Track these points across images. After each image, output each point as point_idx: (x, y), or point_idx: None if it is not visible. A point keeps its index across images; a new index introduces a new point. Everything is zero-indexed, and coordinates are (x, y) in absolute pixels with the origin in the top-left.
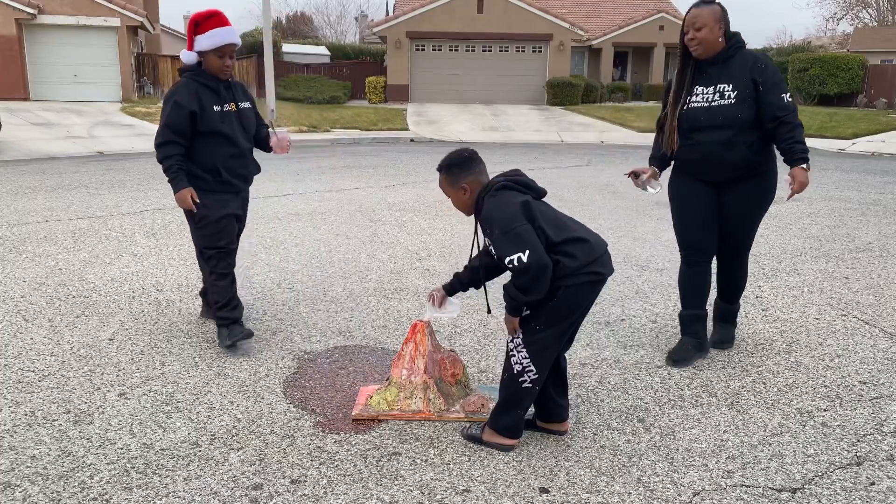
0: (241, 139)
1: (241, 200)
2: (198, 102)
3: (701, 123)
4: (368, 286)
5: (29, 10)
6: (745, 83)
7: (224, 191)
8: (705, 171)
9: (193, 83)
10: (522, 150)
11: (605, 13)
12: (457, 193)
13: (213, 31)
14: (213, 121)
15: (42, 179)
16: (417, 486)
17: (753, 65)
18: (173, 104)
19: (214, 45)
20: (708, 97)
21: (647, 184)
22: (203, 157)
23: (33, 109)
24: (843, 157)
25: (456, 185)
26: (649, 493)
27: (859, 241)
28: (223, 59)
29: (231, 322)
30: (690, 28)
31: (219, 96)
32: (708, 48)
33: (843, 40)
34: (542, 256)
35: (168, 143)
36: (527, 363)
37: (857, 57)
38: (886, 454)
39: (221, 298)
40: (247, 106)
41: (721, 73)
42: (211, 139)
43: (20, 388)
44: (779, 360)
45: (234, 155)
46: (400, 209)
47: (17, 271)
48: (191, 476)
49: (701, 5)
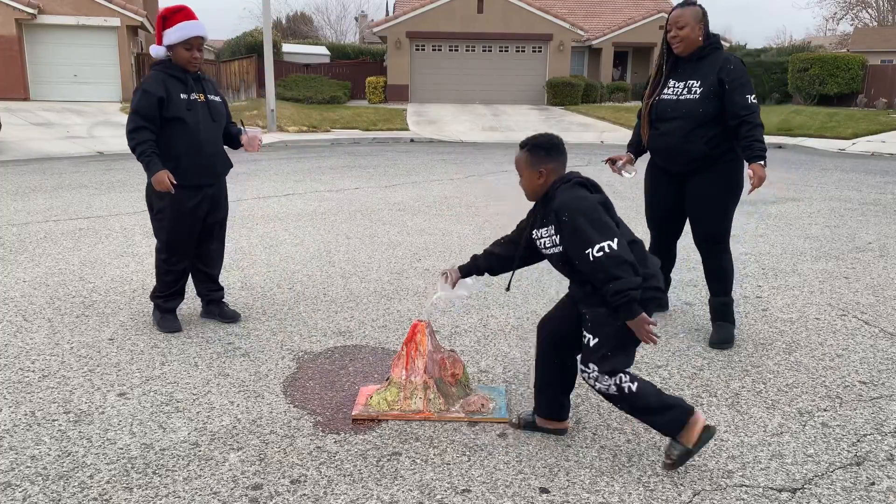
0: (207, 130)
1: (207, 196)
2: (165, 90)
3: (668, 115)
4: (368, 286)
5: (29, 10)
6: (712, 81)
7: (186, 184)
8: (667, 159)
9: (162, 73)
10: None
11: (605, 13)
12: (532, 175)
13: (180, 24)
14: (179, 107)
15: (42, 179)
16: (417, 486)
17: (723, 65)
18: (142, 92)
19: (182, 38)
20: (677, 91)
21: (622, 169)
22: (166, 146)
23: (33, 109)
24: (843, 157)
25: (535, 166)
26: (649, 493)
27: (859, 241)
28: (191, 51)
29: (165, 310)
30: (674, 27)
31: (186, 85)
32: (689, 46)
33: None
34: (627, 249)
35: (139, 129)
36: (618, 381)
37: (857, 57)
38: (886, 454)
39: (162, 289)
40: (217, 99)
41: (694, 70)
42: (177, 126)
43: (20, 388)
44: (779, 360)
45: (196, 144)
46: (400, 209)
47: (17, 271)
48: (191, 476)
49: (684, 6)
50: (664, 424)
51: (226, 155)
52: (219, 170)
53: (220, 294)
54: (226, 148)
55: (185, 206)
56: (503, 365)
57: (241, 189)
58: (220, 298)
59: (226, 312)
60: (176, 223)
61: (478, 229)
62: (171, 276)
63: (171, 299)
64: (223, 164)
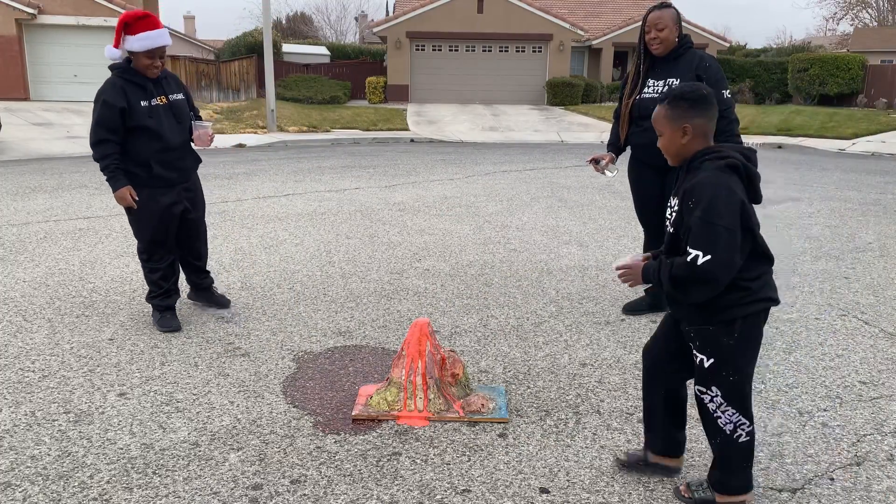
0: (172, 132)
1: (182, 192)
2: (125, 99)
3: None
4: (368, 286)
5: (29, 10)
6: (691, 78)
7: (157, 185)
8: (651, 154)
9: (120, 80)
10: (522, 150)
11: (605, 13)
12: (675, 132)
13: (144, 33)
14: (141, 116)
15: (42, 179)
16: (417, 486)
17: (699, 63)
18: (102, 103)
19: (145, 48)
20: (658, 89)
21: (605, 168)
22: (134, 153)
23: (33, 109)
24: (843, 157)
25: (678, 121)
26: (649, 493)
27: (859, 241)
28: (153, 59)
29: (163, 308)
30: (653, 28)
31: (146, 91)
32: (668, 47)
33: (843, 40)
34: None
35: (102, 142)
36: (737, 419)
37: (857, 57)
38: (886, 454)
39: (154, 289)
40: (179, 97)
41: (672, 69)
42: (141, 134)
43: (20, 388)
44: (779, 360)
45: (164, 149)
46: (400, 209)
47: (17, 271)
48: (191, 476)
49: (661, 8)
50: (726, 481)
51: (194, 152)
52: (188, 167)
53: (210, 281)
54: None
55: (160, 206)
56: (503, 365)
57: (241, 189)
58: (210, 285)
59: (215, 298)
60: (153, 223)
61: (478, 229)
62: (158, 274)
63: (167, 297)
64: (192, 161)
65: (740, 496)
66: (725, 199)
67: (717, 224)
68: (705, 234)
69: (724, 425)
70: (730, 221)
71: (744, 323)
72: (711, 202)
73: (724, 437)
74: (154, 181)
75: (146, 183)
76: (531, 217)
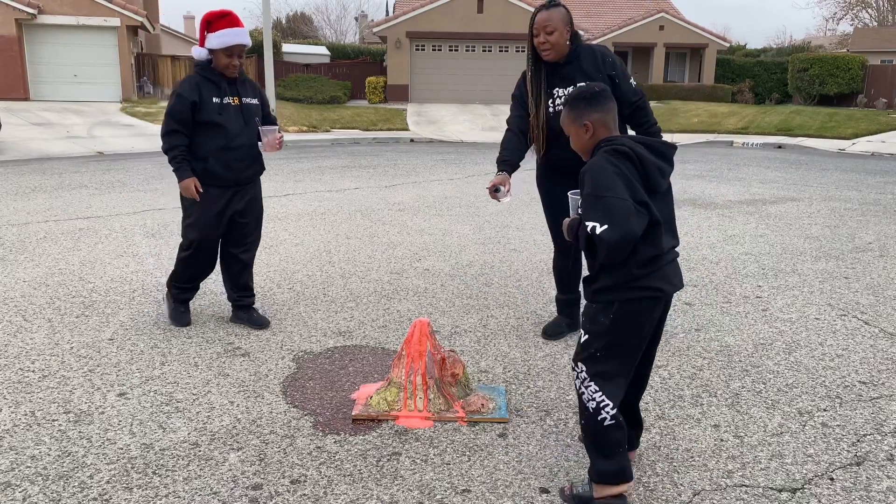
0: (238, 132)
1: (236, 196)
2: (198, 93)
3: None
4: (368, 286)
5: (29, 10)
6: (603, 79)
7: (214, 184)
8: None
9: (197, 76)
10: None
11: (605, 13)
12: (578, 131)
13: (223, 31)
14: (210, 111)
15: (42, 179)
16: (417, 486)
17: (603, 60)
18: (176, 95)
19: (223, 45)
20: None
21: (505, 195)
22: (198, 148)
23: (33, 109)
24: (843, 157)
25: (578, 120)
26: (649, 493)
27: (859, 241)
28: (231, 58)
29: (179, 301)
30: (542, 32)
31: (219, 89)
32: (559, 51)
33: (843, 40)
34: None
35: (172, 133)
36: (599, 398)
37: (857, 57)
38: (886, 454)
39: (179, 281)
40: (252, 102)
41: (576, 71)
42: (208, 130)
43: (20, 388)
44: (779, 360)
45: (226, 147)
46: (400, 209)
47: (17, 271)
48: (191, 476)
49: (550, 8)
50: (600, 469)
51: (260, 159)
52: (247, 171)
53: (252, 300)
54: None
55: (212, 207)
56: (503, 365)
57: None
58: (251, 304)
59: (255, 319)
60: (201, 222)
61: (478, 229)
62: (190, 272)
63: (187, 291)
64: (255, 167)
65: (615, 487)
66: (611, 173)
67: (606, 195)
68: (597, 207)
69: (587, 402)
70: (618, 192)
71: (621, 307)
72: (596, 178)
73: (588, 415)
74: (212, 179)
75: (204, 181)
76: (531, 217)
